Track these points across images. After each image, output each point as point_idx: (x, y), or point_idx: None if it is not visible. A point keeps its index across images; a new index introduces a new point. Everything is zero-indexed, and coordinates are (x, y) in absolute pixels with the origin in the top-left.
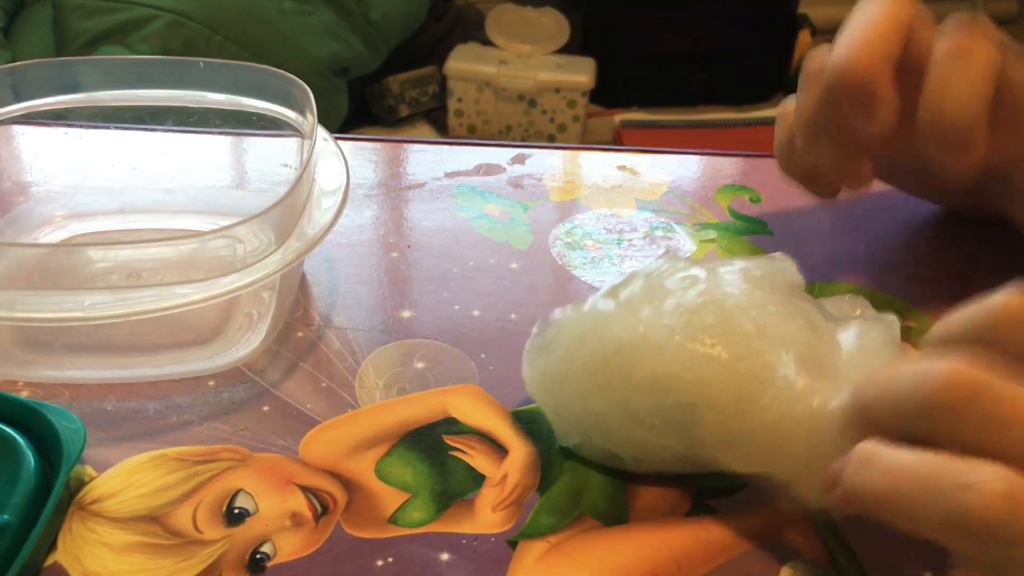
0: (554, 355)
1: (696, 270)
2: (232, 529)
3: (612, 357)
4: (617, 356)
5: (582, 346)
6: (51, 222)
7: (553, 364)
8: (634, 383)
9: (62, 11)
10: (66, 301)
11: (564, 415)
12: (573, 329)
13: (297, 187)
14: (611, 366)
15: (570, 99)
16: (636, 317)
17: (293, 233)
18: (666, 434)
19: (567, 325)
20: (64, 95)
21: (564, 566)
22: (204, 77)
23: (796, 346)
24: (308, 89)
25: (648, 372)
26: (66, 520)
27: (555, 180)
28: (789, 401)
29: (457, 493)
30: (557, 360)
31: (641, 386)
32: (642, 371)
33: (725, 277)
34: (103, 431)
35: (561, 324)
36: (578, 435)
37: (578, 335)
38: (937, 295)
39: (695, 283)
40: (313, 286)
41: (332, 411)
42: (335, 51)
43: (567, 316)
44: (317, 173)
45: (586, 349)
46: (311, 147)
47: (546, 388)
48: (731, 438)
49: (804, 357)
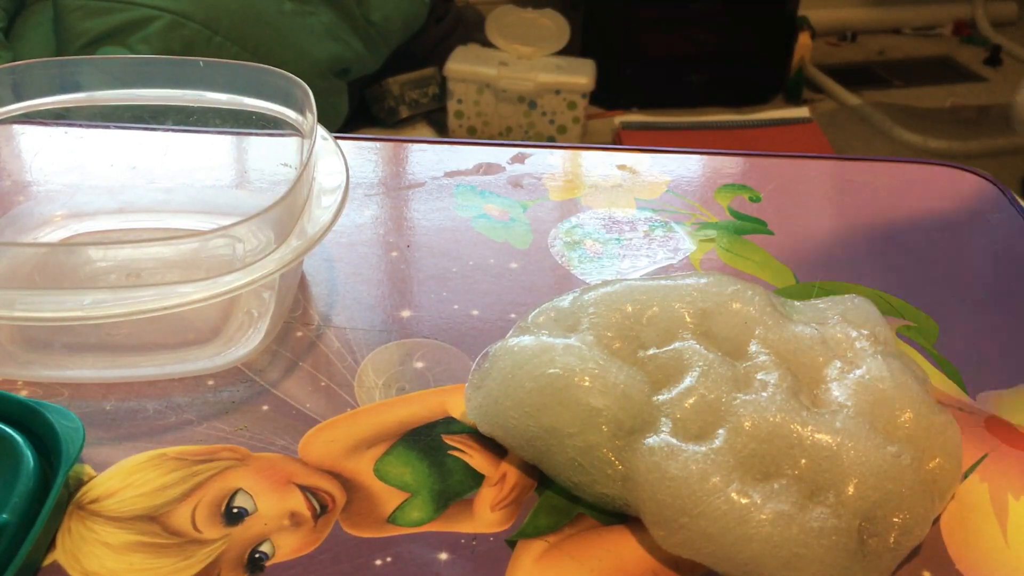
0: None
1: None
2: (231, 528)
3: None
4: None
5: (518, 375)
6: (51, 222)
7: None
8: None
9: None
10: (66, 300)
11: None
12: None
13: (297, 186)
14: (546, 392)
15: (570, 101)
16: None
17: (293, 232)
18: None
19: (501, 358)
20: (64, 95)
21: (563, 565)
22: (204, 77)
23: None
24: (308, 88)
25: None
26: (65, 519)
27: (555, 180)
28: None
29: (456, 493)
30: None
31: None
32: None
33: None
34: (102, 430)
35: (496, 357)
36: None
37: (513, 366)
38: (937, 295)
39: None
40: (313, 286)
41: (331, 411)
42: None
43: (501, 350)
44: (317, 172)
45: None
46: (311, 146)
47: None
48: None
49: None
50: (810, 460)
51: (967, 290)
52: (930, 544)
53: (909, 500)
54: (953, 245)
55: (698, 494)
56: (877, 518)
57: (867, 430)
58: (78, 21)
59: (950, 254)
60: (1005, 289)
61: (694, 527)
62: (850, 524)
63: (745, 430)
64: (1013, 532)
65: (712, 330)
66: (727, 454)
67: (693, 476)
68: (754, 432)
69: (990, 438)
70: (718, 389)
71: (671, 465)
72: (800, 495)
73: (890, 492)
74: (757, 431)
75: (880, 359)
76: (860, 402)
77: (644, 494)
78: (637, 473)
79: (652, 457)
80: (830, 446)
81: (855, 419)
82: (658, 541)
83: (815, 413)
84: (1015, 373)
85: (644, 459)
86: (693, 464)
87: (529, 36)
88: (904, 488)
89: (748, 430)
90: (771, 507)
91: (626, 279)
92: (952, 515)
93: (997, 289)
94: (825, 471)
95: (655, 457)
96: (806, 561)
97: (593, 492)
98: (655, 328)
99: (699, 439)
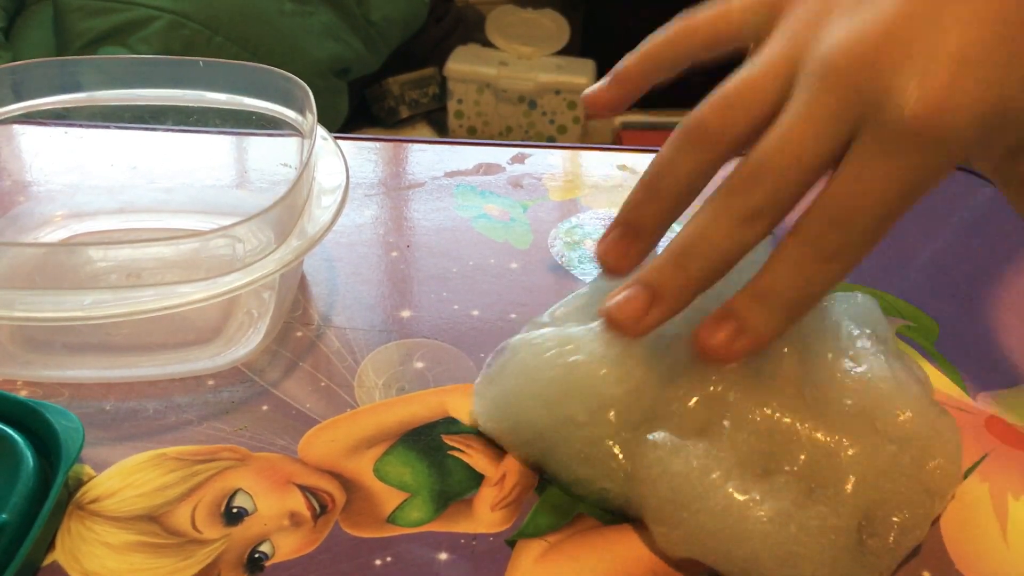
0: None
1: None
2: (231, 528)
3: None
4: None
5: (536, 368)
6: (51, 222)
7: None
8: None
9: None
10: (66, 300)
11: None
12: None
13: (297, 186)
14: (563, 385)
15: (570, 100)
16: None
17: (293, 232)
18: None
19: (519, 352)
20: (64, 95)
21: (563, 566)
22: (204, 76)
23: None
24: (308, 88)
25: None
26: (65, 519)
27: (555, 180)
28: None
29: (456, 493)
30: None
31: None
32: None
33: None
34: (102, 430)
35: (512, 351)
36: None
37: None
38: (937, 295)
39: None
40: (313, 286)
41: (331, 411)
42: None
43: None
44: (317, 172)
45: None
46: (311, 146)
47: (498, 415)
48: None
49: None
50: (809, 457)
51: (967, 290)
52: (930, 544)
53: (908, 500)
54: (953, 245)
55: (698, 489)
56: (876, 518)
57: (867, 429)
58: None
59: (950, 254)
60: (1005, 289)
61: (694, 522)
62: (849, 523)
63: (745, 425)
64: (1013, 532)
65: None
66: (728, 450)
67: (694, 472)
68: (754, 427)
69: (990, 438)
70: (723, 383)
71: (674, 461)
72: (799, 492)
73: (889, 492)
74: (757, 426)
75: (882, 358)
76: (861, 400)
77: (646, 489)
78: (640, 468)
79: (656, 452)
80: (828, 444)
81: (855, 417)
82: (658, 538)
83: (815, 410)
84: (1015, 373)
85: (647, 454)
86: (695, 460)
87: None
88: (903, 488)
89: (748, 425)
90: (770, 504)
91: None
92: (952, 515)
93: (997, 289)
94: (824, 469)
95: (658, 452)
96: (804, 560)
97: (595, 488)
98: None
99: (701, 434)
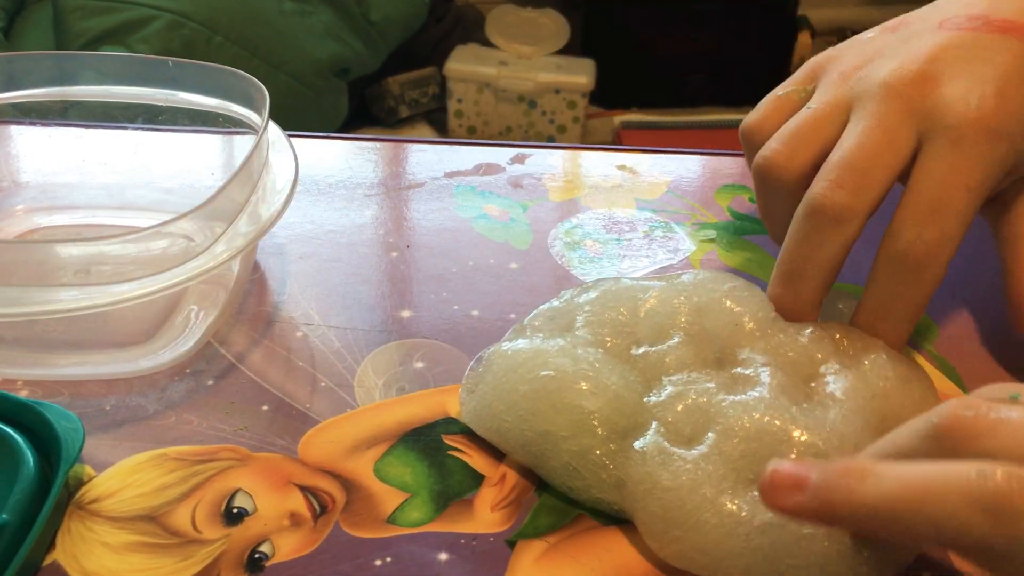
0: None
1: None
2: (231, 529)
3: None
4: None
5: (513, 377)
6: (12, 215)
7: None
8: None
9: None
10: (20, 297)
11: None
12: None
13: (234, 180)
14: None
15: (570, 100)
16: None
17: (233, 228)
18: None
19: (497, 360)
20: (33, 89)
21: (562, 566)
22: (174, 76)
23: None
24: (264, 88)
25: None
26: (65, 519)
27: (555, 180)
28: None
29: (456, 493)
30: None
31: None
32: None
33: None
34: (102, 430)
35: (492, 359)
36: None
37: (510, 367)
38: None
39: None
40: (312, 286)
41: (331, 411)
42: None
43: (497, 351)
44: (268, 171)
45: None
46: (256, 142)
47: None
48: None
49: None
50: (799, 458)
51: (967, 290)
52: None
53: None
54: None
55: (688, 508)
56: None
57: (860, 428)
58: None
59: None
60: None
61: (687, 540)
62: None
63: (734, 431)
64: None
65: (706, 327)
66: (717, 458)
67: (684, 488)
68: (743, 432)
69: None
70: (708, 390)
71: (663, 475)
72: None
73: None
74: (746, 431)
75: (884, 357)
76: (857, 400)
77: (637, 504)
78: (630, 481)
79: (644, 467)
80: (816, 444)
81: (849, 417)
82: (653, 550)
83: (806, 410)
84: (1015, 373)
85: (637, 467)
86: (684, 475)
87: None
88: None
89: (737, 430)
90: (762, 517)
91: (624, 277)
92: None
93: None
94: None
95: (647, 467)
96: (802, 570)
97: (590, 497)
98: (650, 323)
99: (690, 442)
